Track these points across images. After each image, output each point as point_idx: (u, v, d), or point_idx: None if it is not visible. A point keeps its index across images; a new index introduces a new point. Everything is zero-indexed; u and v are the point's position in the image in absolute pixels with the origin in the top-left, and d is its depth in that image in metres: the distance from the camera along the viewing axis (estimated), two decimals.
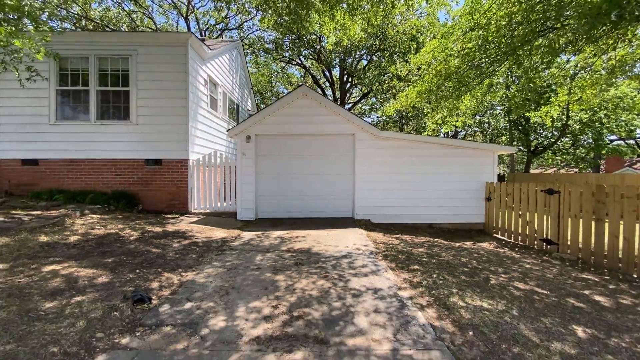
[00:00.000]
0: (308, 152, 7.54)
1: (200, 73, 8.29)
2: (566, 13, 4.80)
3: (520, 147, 23.22)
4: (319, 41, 19.66)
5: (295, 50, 20.28)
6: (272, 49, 20.51)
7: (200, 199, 7.70)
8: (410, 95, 7.84)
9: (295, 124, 7.42)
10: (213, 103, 9.49)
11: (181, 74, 7.45)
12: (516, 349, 2.25)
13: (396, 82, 17.06)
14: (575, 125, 18.97)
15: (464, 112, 9.28)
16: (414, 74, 14.53)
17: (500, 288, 3.43)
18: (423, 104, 8.57)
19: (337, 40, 7.37)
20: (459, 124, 10.00)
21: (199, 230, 5.85)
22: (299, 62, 22.92)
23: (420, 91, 7.51)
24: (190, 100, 7.58)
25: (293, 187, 7.54)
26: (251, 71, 21.60)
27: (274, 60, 22.48)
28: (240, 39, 18.92)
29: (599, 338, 2.46)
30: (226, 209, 7.74)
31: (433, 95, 7.31)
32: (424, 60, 7.59)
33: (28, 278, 3.06)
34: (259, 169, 7.52)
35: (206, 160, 7.68)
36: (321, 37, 19.07)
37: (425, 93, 7.43)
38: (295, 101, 7.44)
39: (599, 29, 4.74)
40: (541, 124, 18.55)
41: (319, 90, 24.58)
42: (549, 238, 5.36)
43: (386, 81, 19.38)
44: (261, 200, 7.52)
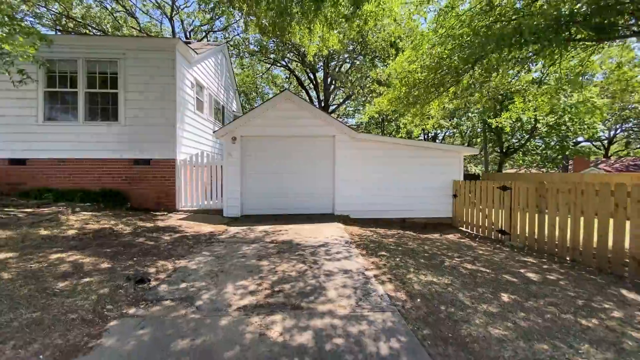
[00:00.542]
0: (291, 153, 8.04)
1: (187, 76, 8.63)
2: (488, 47, 5.76)
3: (495, 149, 24.55)
4: (302, 45, 20.16)
5: (279, 53, 20.72)
6: (257, 51, 20.87)
7: (188, 197, 8.06)
8: (382, 102, 8.54)
9: (279, 126, 7.90)
10: (199, 105, 9.83)
11: (169, 77, 7.77)
12: (452, 309, 2.84)
13: (376, 86, 17.81)
14: (543, 128, 20.34)
15: (433, 116, 10.08)
16: (394, 77, 15.31)
17: (451, 268, 4.05)
18: (397, 109, 9.30)
19: (317, 51, 7.94)
20: (429, 127, 10.78)
21: (187, 225, 6.25)
22: (284, 65, 23.35)
23: (390, 99, 8.22)
24: (178, 103, 7.92)
25: (277, 186, 8.01)
26: (236, 72, 21.84)
27: (258, 62, 22.83)
28: (226, 41, 19.16)
29: (519, 302, 3.09)
30: (212, 206, 8.12)
31: (401, 103, 8.02)
32: (395, 69, 8.31)
33: (38, 264, 3.42)
34: (245, 169, 7.95)
35: (193, 160, 8.04)
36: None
37: (395, 100, 8.14)
38: (279, 104, 7.93)
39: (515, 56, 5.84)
40: (511, 126, 19.76)
41: (303, 92, 25.07)
42: (503, 229, 6.08)
43: (367, 85, 20.11)
44: (246, 198, 7.95)
